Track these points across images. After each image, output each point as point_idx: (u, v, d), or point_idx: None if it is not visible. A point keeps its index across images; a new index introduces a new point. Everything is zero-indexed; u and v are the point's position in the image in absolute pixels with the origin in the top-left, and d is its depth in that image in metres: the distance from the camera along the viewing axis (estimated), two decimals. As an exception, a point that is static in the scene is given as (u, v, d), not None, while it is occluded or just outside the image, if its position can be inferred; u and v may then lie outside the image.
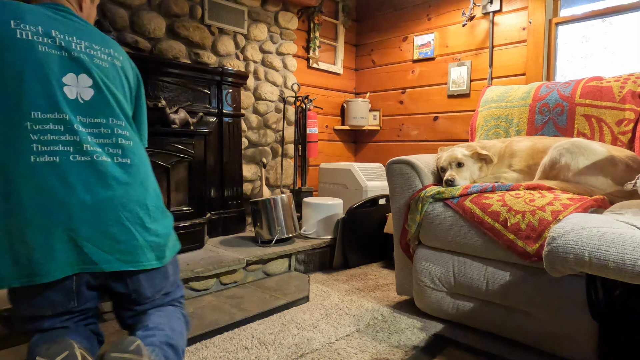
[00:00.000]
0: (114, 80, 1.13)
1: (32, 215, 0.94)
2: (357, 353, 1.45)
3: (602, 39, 2.53)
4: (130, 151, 1.10)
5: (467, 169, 1.86)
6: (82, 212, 0.98)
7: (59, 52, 1.04)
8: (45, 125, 0.98)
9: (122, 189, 1.04)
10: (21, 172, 0.95)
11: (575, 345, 1.35)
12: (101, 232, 1.00)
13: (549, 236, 1.02)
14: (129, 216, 1.04)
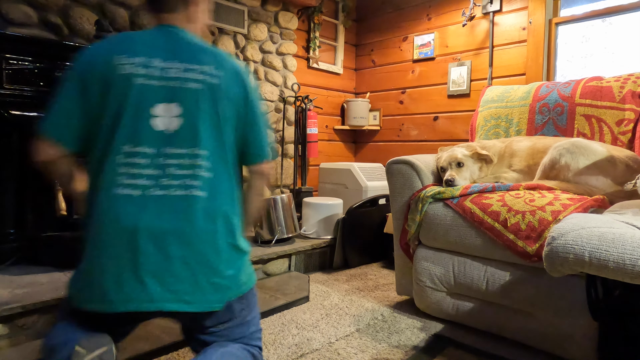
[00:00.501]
0: (204, 105, 1.06)
1: (106, 245, 0.99)
2: (357, 353, 1.45)
3: (602, 39, 2.53)
4: (208, 184, 1.04)
5: (467, 169, 1.86)
6: (147, 246, 0.98)
7: (154, 82, 1.03)
8: (132, 159, 1.01)
9: (190, 226, 1.01)
10: (104, 204, 1.00)
11: (575, 345, 1.35)
12: (165, 269, 0.98)
13: (549, 236, 1.02)
14: (194, 255, 1.00)
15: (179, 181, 1.02)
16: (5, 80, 1.82)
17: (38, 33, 2.01)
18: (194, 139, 1.04)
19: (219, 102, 1.08)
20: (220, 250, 1.04)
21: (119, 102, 1.02)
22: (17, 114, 1.87)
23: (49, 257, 1.87)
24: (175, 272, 0.99)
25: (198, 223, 1.01)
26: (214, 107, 1.07)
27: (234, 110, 1.11)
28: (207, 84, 1.07)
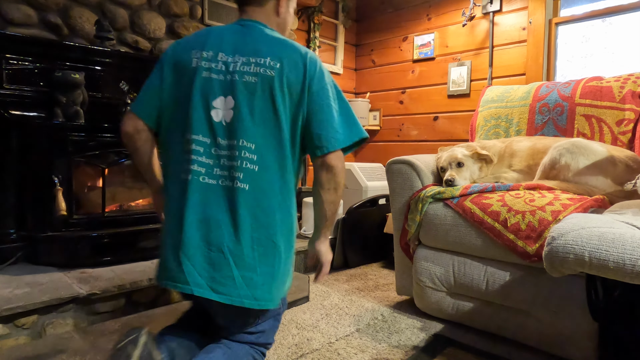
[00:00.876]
0: (258, 97, 1.07)
1: (167, 225, 1.08)
2: (357, 353, 1.45)
3: (602, 39, 2.53)
4: (252, 177, 1.05)
5: (467, 169, 1.86)
6: (191, 232, 1.03)
7: (217, 75, 1.09)
8: (193, 146, 1.07)
9: (230, 217, 1.04)
10: (168, 186, 1.12)
11: (575, 345, 1.35)
12: (202, 255, 1.03)
13: (549, 236, 1.02)
14: (231, 246, 1.03)
15: (227, 172, 1.06)
16: (5, 80, 1.82)
17: (38, 33, 2.01)
18: (242, 132, 1.06)
19: (275, 95, 1.07)
20: (256, 245, 1.05)
21: (184, 92, 1.09)
22: (17, 114, 1.87)
23: (49, 257, 1.87)
24: (211, 260, 1.02)
25: (238, 215, 1.04)
26: (269, 99, 1.07)
27: (292, 101, 1.09)
28: (262, 77, 1.07)
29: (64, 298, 1.55)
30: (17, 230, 1.88)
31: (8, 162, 1.86)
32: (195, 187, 1.05)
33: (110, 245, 1.94)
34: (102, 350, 1.43)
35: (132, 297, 1.75)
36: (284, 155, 1.09)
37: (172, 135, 1.12)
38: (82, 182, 2.02)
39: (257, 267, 1.05)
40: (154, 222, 2.12)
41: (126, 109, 2.07)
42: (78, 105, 1.92)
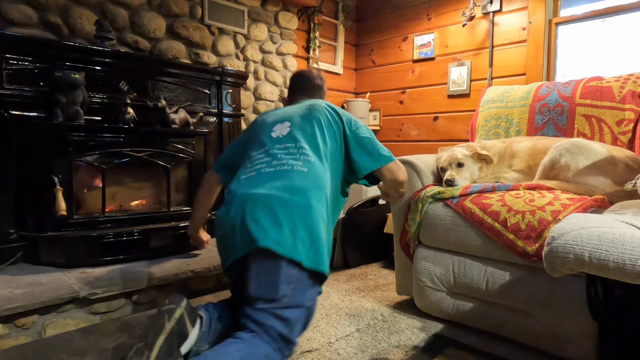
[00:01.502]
0: (304, 123, 1.49)
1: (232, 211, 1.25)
2: (357, 353, 1.45)
3: (602, 39, 2.53)
4: (309, 164, 1.35)
5: (467, 169, 1.86)
6: (252, 206, 1.21)
7: (275, 118, 1.56)
8: (253, 157, 1.43)
9: (289, 186, 1.26)
10: (232, 189, 1.34)
11: (575, 345, 1.35)
12: (260, 217, 1.19)
13: (548, 236, 1.02)
14: (282, 211, 1.20)
15: (284, 161, 1.35)
16: (5, 80, 1.82)
17: (38, 33, 2.01)
18: (297, 139, 1.43)
19: (323, 122, 1.51)
20: (307, 221, 1.22)
21: (251, 134, 1.58)
22: (17, 114, 1.87)
23: (49, 257, 1.87)
24: (269, 223, 1.18)
25: (295, 184, 1.26)
26: (310, 126, 1.49)
27: (335, 129, 1.53)
28: (312, 111, 1.54)
29: (64, 298, 1.55)
30: (17, 230, 1.88)
31: (8, 162, 1.86)
32: (259, 177, 1.34)
33: (110, 245, 1.94)
34: (102, 350, 1.43)
35: (132, 297, 1.75)
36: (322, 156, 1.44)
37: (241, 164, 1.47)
38: (82, 182, 2.02)
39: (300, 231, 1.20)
40: (154, 222, 2.13)
41: (126, 108, 2.08)
42: (78, 105, 1.92)
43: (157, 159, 2.19)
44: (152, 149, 2.15)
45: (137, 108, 2.15)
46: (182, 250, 2.17)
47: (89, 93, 2.03)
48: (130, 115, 2.08)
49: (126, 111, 2.08)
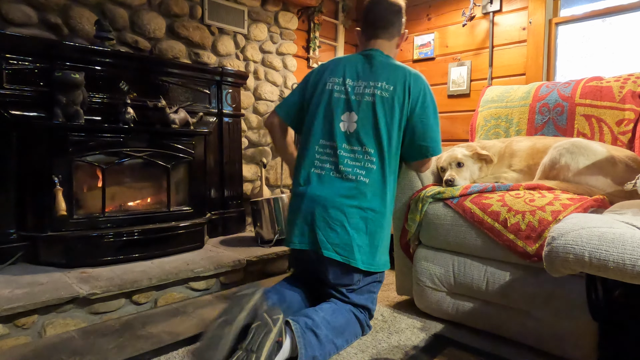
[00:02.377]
0: (374, 114, 1.49)
1: (298, 204, 1.50)
2: (357, 353, 1.45)
3: (602, 39, 2.53)
4: (371, 173, 1.48)
5: (467, 169, 1.86)
6: (319, 210, 1.44)
7: (344, 96, 1.53)
8: (324, 149, 1.52)
9: (355, 201, 1.45)
10: (302, 177, 1.53)
11: (575, 345, 1.35)
12: (326, 226, 1.43)
13: (549, 236, 1.02)
14: (351, 223, 1.44)
15: (349, 169, 1.48)
16: (5, 80, 1.82)
17: (38, 33, 2.01)
18: (364, 140, 1.49)
19: (388, 111, 1.49)
20: (362, 224, 1.45)
21: (320, 106, 1.55)
22: (17, 114, 1.87)
23: (49, 257, 1.87)
24: (335, 231, 1.43)
25: (356, 195, 1.45)
26: (384, 115, 1.49)
27: (400, 115, 1.50)
28: (379, 97, 1.50)
29: (64, 298, 1.55)
30: (17, 230, 1.88)
31: (8, 162, 1.86)
32: (326, 179, 1.49)
33: (110, 245, 1.94)
34: (102, 350, 1.43)
35: (132, 297, 1.75)
36: (390, 160, 1.50)
37: (308, 138, 1.56)
38: (82, 182, 2.02)
39: (356, 240, 1.44)
40: (154, 222, 2.13)
41: (126, 108, 2.08)
42: (78, 105, 1.92)
43: (157, 159, 2.19)
44: (152, 149, 2.15)
45: (137, 108, 2.16)
46: (182, 250, 2.18)
47: (89, 93, 2.03)
48: (130, 115, 2.09)
49: (126, 111, 2.08)
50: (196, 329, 1.59)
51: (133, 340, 1.51)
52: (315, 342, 1.31)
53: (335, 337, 1.38)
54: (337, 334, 1.39)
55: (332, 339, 1.37)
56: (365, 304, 1.51)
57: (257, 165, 3.00)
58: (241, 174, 2.78)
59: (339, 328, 1.40)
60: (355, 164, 1.48)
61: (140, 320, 1.68)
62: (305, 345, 1.28)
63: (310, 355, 1.29)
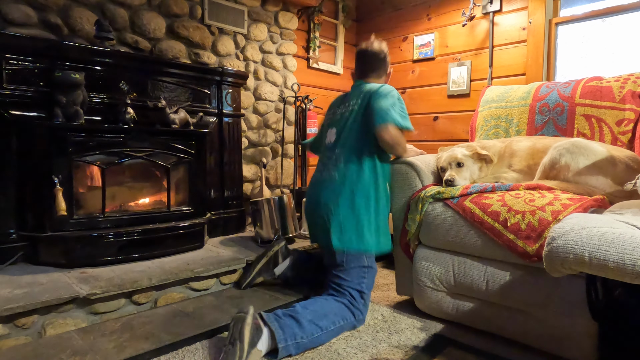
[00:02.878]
0: (345, 125, 1.84)
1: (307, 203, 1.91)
2: (357, 353, 1.45)
3: (602, 39, 2.53)
4: (342, 171, 1.78)
5: (467, 169, 1.86)
6: (317, 206, 1.80)
7: (332, 118, 1.96)
8: (324, 154, 1.94)
9: (332, 196, 1.75)
10: (313, 178, 1.95)
11: (575, 345, 1.35)
12: (320, 224, 1.79)
13: (548, 236, 1.02)
14: (326, 211, 1.75)
15: (329, 171, 1.82)
16: (5, 80, 1.82)
17: (38, 33, 2.01)
18: (337, 145, 1.85)
19: (355, 121, 1.82)
20: (336, 211, 1.73)
21: (323, 129, 2.05)
22: (17, 114, 1.87)
23: (49, 257, 1.87)
24: (319, 220, 1.79)
25: (333, 192, 1.76)
26: (351, 124, 1.83)
27: (361, 113, 1.81)
28: (350, 112, 1.86)
29: (64, 298, 1.55)
30: (17, 230, 1.88)
31: (8, 162, 1.86)
32: (319, 178, 1.88)
33: (110, 245, 1.94)
34: (102, 350, 1.43)
35: (132, 297, 1.75)
36: (362, 152, 1.78)
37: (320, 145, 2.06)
38: (82, 182, 2.02)
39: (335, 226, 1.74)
40: (154, 222, 2.13)
41: (126, 108, 2.08)
42: (78, 105, 1.92)
43: (157, 159, 2.19)
44: (152, 149, 2.15)
45: (137, 108, 2.15)
46: (182, 250, 2.17)
47: (89, 93, 2.03)
48: (130, 115, 2.08)
49: (126, 111, 2.08)
50: (196, 329, 1.59)
51: (133, 340, 1.51)
52: (294, 324, 1.46)
53: (317, 320, 1.52)
54: (320, 316, 1.54)
55: (313, 320, 1.51)
56: (356, 286, 1.69)
57: (257, 165, 3.00)
58: (241, 174, 2.78)
59: (320, 311, 1.56)
60: (332, 166, 1.81)
61: (140, 320, 1.68)
62: (282, 327, 1.43)
63: (291, 334, 1.44)
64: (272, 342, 1.41)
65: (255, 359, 1.36)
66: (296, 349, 1.45)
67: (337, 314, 1.59)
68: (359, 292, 1.69)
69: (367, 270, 1.74)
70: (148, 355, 1.40)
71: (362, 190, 1.75)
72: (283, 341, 1.41)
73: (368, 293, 1.73)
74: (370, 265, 1.75)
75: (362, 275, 1.72)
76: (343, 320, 1.59)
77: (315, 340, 1.49)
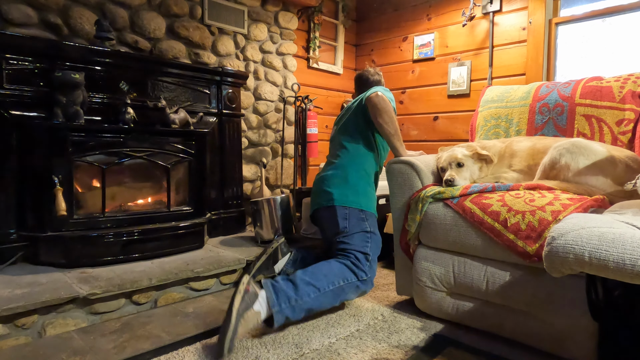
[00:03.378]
0: (342, 120, 2.06)
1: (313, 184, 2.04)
2: (357, 353, 1.45)
3: (602, 39, 2.53)
4: (341, 156, 1.95)
5: (467, 169, 1.86)
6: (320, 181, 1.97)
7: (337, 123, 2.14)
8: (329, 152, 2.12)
9: (332, 172, 1.93)
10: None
11: (575, 345, 1.35)
12: (319, 191, 1.94)
13: (549, 236, 1.02)
14: (329, 183, 1.90)
15: (332, 157, 2.02)
16: (5, 80, 1.82)
17: (38, 33, 2.01)
18: (338, 137, 2.03)
19: (351, 113, 2.01)
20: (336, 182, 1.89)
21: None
22: (17, 114, 1.87)
23: (49, 257, 1.87)
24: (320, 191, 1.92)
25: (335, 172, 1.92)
26: (349, 116, 2.01)
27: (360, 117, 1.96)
28: (347, 111, 2.05)
29: (64, 298, 1.55)
30: (17, 230, 1.88)
31: (8, 162, 1.86)
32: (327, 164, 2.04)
33: (110, 245, 1.94)
34: (102, 350, 1.43)
35: (132, 297, 1.75)
36: (360, 139, 1.96)
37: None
38: (82, 182, 2.02)
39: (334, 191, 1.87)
40: (154, 222, 2.13)
41: (126, 108, 2.08)
42: (78, 105, 1.92)
43: (157, 159, 2.19)
44: (152, 149, 2.15)
45: (137, 108, 2.16)
46: (182, 250, 2.18)
47: (89, 93, 2.03)
48: (130, 115, 2.09)
49: (126, 111, 2.08)
50: (196, 329, 1.59)
51: (133, 340, 1.51)
52: (290, 287, 1.53)
53: (314, 280, 1.59)
54: (317, 277, 1.61)
55: (309, 281, 1.58)
56: (360, 249, 1.76)
57: (257, 165, 3.00)
58: (241, 174, 2.78)
59: (319, 273, 1.62)
60: (335, 152, 2.01)
61: (140, 320, 1.68)
62: (276, 291, 1.50)
63: (285, 298, 1.50)
64: (269, 306, 1.46)
65: (250, 322, 1.40)
66: (292, 312, 1.49)
67: (338, 274, 1.64)
68: (363, 254, 1.75)
69: (370, 236, 1.82)
70: (148, 355, 1.40)
71: (355, 165, 1.91)
72: (277, 305, 1.46)
73: (374, 257, 1.80)
74: (373, 231, 1.84)
75: (365, 239, 1.79)
76: (344, 280, 1.64)
77: (313, 301, 1.55)
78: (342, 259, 1.74)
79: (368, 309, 1.85)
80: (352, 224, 1.80)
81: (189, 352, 1.43)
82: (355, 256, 1.74)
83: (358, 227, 1.81)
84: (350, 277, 1.68)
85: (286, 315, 1.48)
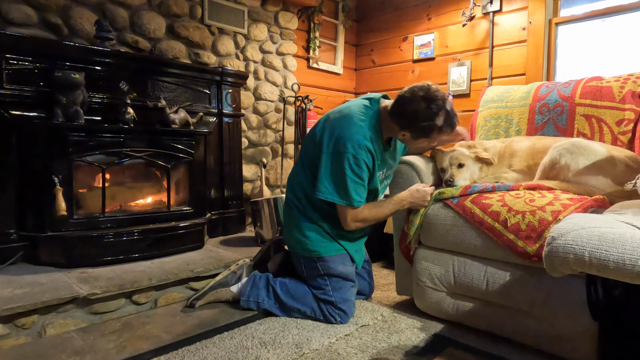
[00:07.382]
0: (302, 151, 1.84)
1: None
2: (357, 353, 1.45)
3: (602, 39, 2.53)
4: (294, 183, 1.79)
5: (467, 169, 1.86)
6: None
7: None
8: None
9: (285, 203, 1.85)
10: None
11: (575, 345, 1.35)
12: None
13: (549, 236, 1.02)
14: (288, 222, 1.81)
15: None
16: (5, 80, 1.82)
17: (38, 33, 2.01)
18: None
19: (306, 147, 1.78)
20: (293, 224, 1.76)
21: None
22: (17, 114, 1.87)
23: (49, 257, 1.87)
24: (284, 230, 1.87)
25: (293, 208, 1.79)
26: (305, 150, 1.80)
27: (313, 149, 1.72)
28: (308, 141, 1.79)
29: (64, 298, 1.55)
30: (17, 230, 1.88)
31: (8, 162, 1.86)
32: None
33: (110, 245, 1.94)
34: (102, 350, 1.43)
35: (132, 297, 1.75)
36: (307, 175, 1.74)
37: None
38: (82, 182, 2.02)
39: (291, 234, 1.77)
40: (154, 222, 2.13)
41: (126, 108, 2.08)
42: (78, 105, 1.92)
43: (157, 159, 2.19)
44: (152, 149, 2.15)
45: (137, 108, 2.15)
46: (182, 250, 2.17)
47: (89, 93, 2.03)
48: (130, 115, 2.08)
49: (126, 111, 2.08)
50: (196, 329, 1.59)
51: (133, 340, 1.51)
52: (266, 288, 1.73)
53: (284, 296, 1.71)
54: (288, 295, 1.71)
55: (280, 294, 1.71)
56: (321, 296, 1.69)
57: (257, 165, 3.00)
58: (241, 174, 2.78)
59: (292, 292, 1.72)
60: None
61: (140, 320, 1.68)
62: (254, 284, 1.75)
63: (256, 294, 1.73)
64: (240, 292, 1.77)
65: (222, 296, 1.80)
66: (256, 308, 1.73)
67: (306, 303, 1.70)
68: (328, 303, 1.68)
69: (329, 279, 1.70)
70: (148, 355, 1.40)
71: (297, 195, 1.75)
72: (245, 296, 1.74)
73: (343, 303, 1.68)
74: (332, 273, 1.70)
75: (324, 284, 1.70)
76: (309, 308, 1.70)
77: (278, 312, 1.72)
78: (317, 303, 1.70)
79: (368, 309, 1.85)
80: (306, 267, 1.75)
81: (189, 352, 1.43)
82: (329, 304, 1.68)
83: (311, 270, 1.73)
84: (316, 312, 1.69)
85: (250, 307, 1.74)
